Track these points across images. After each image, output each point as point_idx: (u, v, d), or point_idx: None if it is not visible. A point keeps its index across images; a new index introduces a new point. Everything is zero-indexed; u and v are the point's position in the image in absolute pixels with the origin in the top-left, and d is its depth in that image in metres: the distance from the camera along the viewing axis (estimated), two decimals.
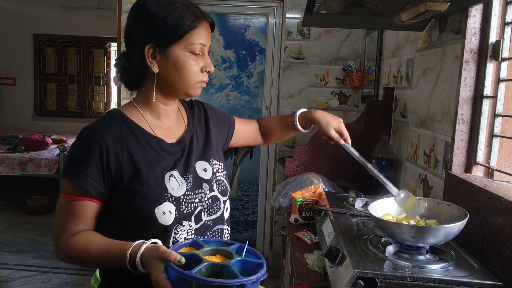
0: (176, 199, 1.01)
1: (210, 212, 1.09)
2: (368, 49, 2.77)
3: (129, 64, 1.05)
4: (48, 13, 5.76)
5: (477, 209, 1.19)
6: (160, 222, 0.98)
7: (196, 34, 1.02)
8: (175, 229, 1.01)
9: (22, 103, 6.01)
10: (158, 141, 1.06)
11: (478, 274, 0.99)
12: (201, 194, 1.07)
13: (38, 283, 2.98)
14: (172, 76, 1.04)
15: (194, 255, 0.89)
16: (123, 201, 0.99)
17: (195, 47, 1.03)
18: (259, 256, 0.94)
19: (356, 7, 1.36)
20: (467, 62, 1.35)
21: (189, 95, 1.09)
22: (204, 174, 1.11)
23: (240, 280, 0.82)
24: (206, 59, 1.06)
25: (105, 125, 1.02)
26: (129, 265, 0.90)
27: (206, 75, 1.08)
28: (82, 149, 0.99)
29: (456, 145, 1.39)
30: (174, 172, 1.04)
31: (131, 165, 1.00)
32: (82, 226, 0.99)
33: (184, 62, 1.02)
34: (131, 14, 1.05)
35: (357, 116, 2.66)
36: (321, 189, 1.77)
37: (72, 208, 0.98)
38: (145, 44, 1.01)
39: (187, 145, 1.11)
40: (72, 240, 0.98)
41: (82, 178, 0.96)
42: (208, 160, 1.14)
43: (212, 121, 1.24)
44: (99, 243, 0.96)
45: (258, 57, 3.23)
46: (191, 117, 1.19)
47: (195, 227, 1.05)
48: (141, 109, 1.08)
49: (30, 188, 4.86)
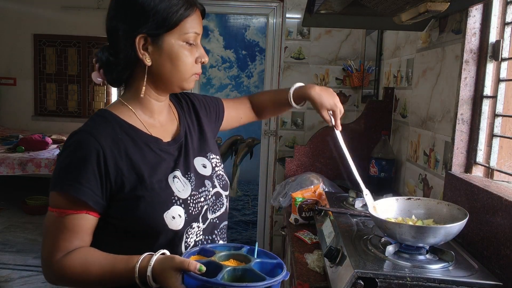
0: (184, 201, 0.95)
1: (215, 209, 1.04)
2: (368, 49, 2.77)
3: (115, 58, 0.95)
4: (48, 13, 5.76)
5: (477, 209, 1.19)
6: (170, 227, 0.91)
7: (190, 22, 0.95)
8: (186, 233, 0.95)
9: (22, 103, 6.00)
10: (155, 141, 0.98)
11: (478, 274, 0.99)
12: (205, 192, 1.02)
13: (38, 283, 2.98)
14: (166, 68, 0.96)
15: (212, 262, 0.84)
16: (125, 210, 0.90)
17: (189, 36, 0.95)
18: (273, 256, 0.90)
19: (356, 7, 1.36)
20: (467, 62, 1.35)
21: (183, 88, 1.02)
22: (204, 170, 1.05)
23: (268, 282, 0.78)
24: (200, 49, 0.99)
25: (98, 128, 0.92)
26: (138, 280, 0.82)
27: (200, 67, 1.01)
28: (75, 156, 0.88)
29: (456, 145, 1.39)
30: (177, 173, 0.97)
31: (132, 170, 0.91)
32: (77, 243, 0.89)
33: (179, 52, 0.95)
34: (114, 3, 0.95)
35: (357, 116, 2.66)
36: (321, 189, 1.77)
37: (66, 223, 0.88)
38: (135, 35, 0.92)
39: (183, 142, 1.05)
40: (67, 260, 0.87)
41: (78, 188, 0.86)
42: (206, 155, 1.08)
43: (201, 112, 1.17)
44: (101, 260, 0.87)
45: (258, 57, 3.23)
46: (181, 112, 1.11)
47: (202, 227, 1.00)
48: (132, 107, 0.99)
49: (30, 188, 4.85)
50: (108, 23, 0.96)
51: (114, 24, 0.94)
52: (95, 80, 1.01)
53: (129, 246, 0.90)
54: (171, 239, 0.93)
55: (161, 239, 0.92)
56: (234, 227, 3.47)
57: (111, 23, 0.95)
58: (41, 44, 5.98)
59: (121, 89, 1.04)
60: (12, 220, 4.30)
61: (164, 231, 0.91)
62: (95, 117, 0.96)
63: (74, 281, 0.89)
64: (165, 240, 0.92)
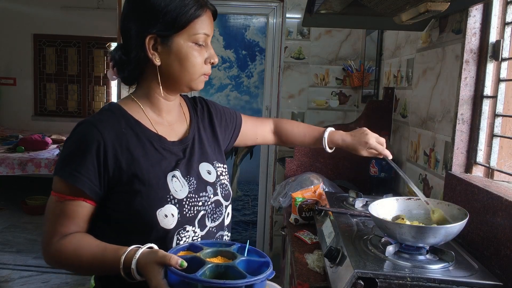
0: (179, 202, 0.96)
1: (214, 218, 1.04)
2: (368, 49, 2.77)
3: (127, 57, 0.98)
4: (48, 13, 5.76)
5: (477, 209, 1.19)
6: (161, 225, 0.92)
7: (200, 23, 0.96)
8: (177, 234, 0.95)
9: (22, 103, 6.01)
10: (159, 139, 1.00)
11: (478, 274, 0.99)
12: (205, 197, 1.02)
13: (38, 283, 2.98)
14: (174, 68, 0.98)
15: (195, 257, 0.84)
16: (121, 203, 0.93)
17: (199, 37, 0.97)
18: (263, 255, 0.90)
19: (356, 7, 1.36)
20: (467, 62, 1.35)
21: (192, 88, 1.03)
22: (208, 176, 1.05)
23: (248, 280, 0.78)
24: (210, 50, 1.00)
25: (104, 120, 0.95)
26: (123, 272, 0.84)
27: (209, 67, 1.02)
28: (77, 145, 0.92)
29: (456, 145, 1.39)
30: (177, 173, 0.98)
31: (131, 164, 0.94)
32: (74, 228, 0.93)
33: (187, 53, 0.96)
34: (127, 3, 0.98)
35: (357, 116, 2.66)
36: (321, 189, 1.77)
37: (64, 208, 0.92)
38: (146, 35, 0.95)
39: (190, 145, 1.05)
40: (62, 244, 0.91)
41: (76, 177, 0.90)
42: (212, 163, 1.08)
43: (216, 120, 1.18)
44: (92, 247, 0.90)
45: (258, 57, 3.23)
46: (194, 115, 1.13)
47: (200, 234, 1.00)
48: (142, 104, 1.02)
49: (30, 188, 4.86)
50: (121, 23, 0.99)
51: (126, 24, 0.98)
52: (110, 78, 1.05)
53: (121, 240, 0.92)
54: (162, 237, 0.94)
55: (152, 236, 0.93)
56: (234, 227, 3.47)
57: (124, 23, 0.99)
58: (41, 44, 5.98)
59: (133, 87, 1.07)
60: (12, 220, 4.30)
61: (155, 228, 0.93)
62: (104, 109, 1.00)
63: (67, 265, 0.93)
64: (155, 238, 0.93)
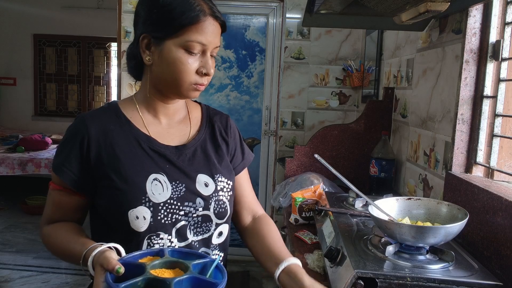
0: (154, 205, 0.92)
1: (198, 232, 0.99)
2: (368, 49, 2.77)
3: (130, 51, 1.02)
4: (48, 13, 5.76)
5: (477, 209, 1.19)
6: (131, 226, 0.91)
7: (195, 31, 0.92)
8: (149, 239, 0.93)
9: (22, 103, 6.01)
10: (148, 140, 0.99)
11: (478, 274, 0.99)
12: (189, 208, 0.97)
13: (38, 283, 2.98)
14: (163, 71, 0.96)
15: (141, 265, 0.78)
16: (102, 197, 0.95)
17: (192, 45, 0.92)
18: (224, 276, 0.81)
19: (356, 7, 1.36)
20: (467, 62, 1.35)
21: (181, 96, 1.00)
22: (203, 189, 1.00)
23: None
24: (206, 60, 0.95)
25: (94, 116, 0.99)
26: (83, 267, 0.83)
27: (204, 78, 0.97)
28: (66, 138, 0.98)
29: (456, 145, 1.39)
30: (161, 176, 0.96)
31: (112, 159, 0.94)
32: (59, 216, 0.99)
33: (175, 59, 0.93)
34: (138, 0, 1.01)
35: (357, 116, 2.66)
36: (321, 189, 1.77)
37: (53, 196, 1.00)
38: (140, 33, 0.96)
39: (190, 152, 1.03)
40: (48, 229, 0.99)
41: (61, 169, 0.95)
42: (213, 176, 1.03)
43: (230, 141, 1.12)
44: (69, 238, 0.93)
45: (258, 57, 3.23)
46: (206, 128, 1.09)
47: (179, 245, 0.96)
48: (138, 104, 1.03)
49: (30, 188, 4.86)
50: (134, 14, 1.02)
51: (135, 17, 1.01)
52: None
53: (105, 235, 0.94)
54: (131, 239, 0.92)
55: (121, 236, 0.92)
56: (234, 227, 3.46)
57: (134, 19, 1.02)
58: (41, 44, 5.98)
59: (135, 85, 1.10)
60: (12, 220, 4.30)
61: (125, 227, 0.92)
62: (101, 106, 1.05)
63: (50, 250, 0.98)
64: (124, 238, 0.92)
